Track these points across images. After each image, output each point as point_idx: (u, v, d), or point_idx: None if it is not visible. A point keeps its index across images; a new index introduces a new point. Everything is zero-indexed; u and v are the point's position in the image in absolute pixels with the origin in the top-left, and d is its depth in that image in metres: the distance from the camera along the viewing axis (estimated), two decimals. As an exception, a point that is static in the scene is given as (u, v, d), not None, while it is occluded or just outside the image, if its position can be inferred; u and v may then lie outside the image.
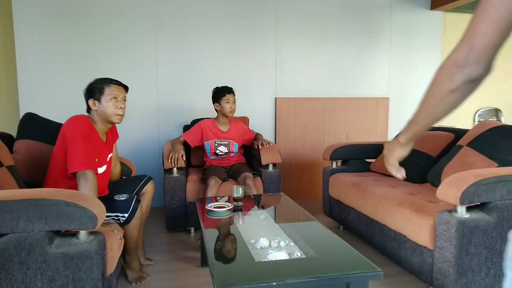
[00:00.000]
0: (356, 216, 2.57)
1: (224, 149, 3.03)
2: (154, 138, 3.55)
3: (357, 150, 3.05)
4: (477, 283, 1.74)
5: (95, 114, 1.99)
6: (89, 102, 1.96)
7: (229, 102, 2.92)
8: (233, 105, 2.94)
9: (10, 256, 1.34)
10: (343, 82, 3.93)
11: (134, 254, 2.09)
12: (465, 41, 0.80)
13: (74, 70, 3.29)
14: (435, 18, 4.09)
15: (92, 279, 1.43)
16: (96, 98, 1.96)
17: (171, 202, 2.74)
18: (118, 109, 1.99)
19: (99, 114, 1.98)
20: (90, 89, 1.97)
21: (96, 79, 2.01)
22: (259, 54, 3.69)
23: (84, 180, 1.77)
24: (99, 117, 1.99)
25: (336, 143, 3.15)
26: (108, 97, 1.96)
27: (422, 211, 1.93)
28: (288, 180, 3.78)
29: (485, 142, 2.15)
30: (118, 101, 1.99)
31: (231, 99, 2.92)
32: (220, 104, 2.93)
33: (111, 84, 1.98)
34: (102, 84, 1.97)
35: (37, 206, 1.34)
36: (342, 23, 3.86)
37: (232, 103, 2.93)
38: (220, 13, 3.56)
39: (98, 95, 1.96)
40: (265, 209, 2.18)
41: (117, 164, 2.33)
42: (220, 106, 2.94)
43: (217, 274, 1.32)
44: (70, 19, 3.27)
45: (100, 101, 1.96)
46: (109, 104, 1.96)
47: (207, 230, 1.82)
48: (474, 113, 4.56)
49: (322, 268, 1.40)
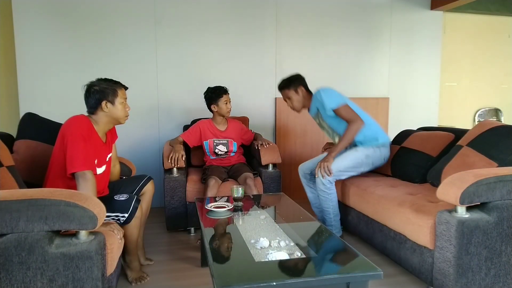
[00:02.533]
0: (356, 216, 2.57)
1: (223, 148, 3.03)
2: (154, 138, 3.55)
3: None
4: (477, 283, 1.74)
5: (103, 116, 1.98)
6: (102, 104, 1.95)
7: (226, 102, 2.93)
8: (229, 105, 2.96)
9: (10, 256, 1.34)
10: (343, 82, 3.93)
11: (134, 254, 2.08)
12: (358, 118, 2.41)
13: (74, 70, 3.29)
14: (435, 18, 4.09)
15: (92, 279, 1.43)
16: (109, 100, 1.96)
17: (171, 202, 2.74)
18: (127, 112, 2.05)
19: (109, 116, 1.99)
20: (101, 91, 1.95)
21: (99, 81, 2.00)
22: (259, 54, 3.69)
23: (83, 181, 1.78)
24: (107, 118, 2.00)
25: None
26: (120, 100, 1.99)
27: (422, 211, 1.93)
28: (288, 180, 3.77)
29: (485, 142, 2.15)
30: (126, 103, 2.05)
31: (227, 99, 2.94)
32: (218, 105, 2.93)
33: (122, 87, 2.03)
34: (113, 86, 1.99)
35: (37, 206, 1.34)
36: (342, 23, 3.86)
37: (229, 103, 2.95)
38: (220, 13, 3.56)
39: (112, 97, 1.97)
40: (265, 209, 2.18)
41: (117, 164, 2.33)
42: (217, 107, 2.94)
43: (217, 274, 1.32)
44: (70, 19, 3.27)
45: (114, 104, 1.98)
46: (121, 107, 2.00)
47: (207, 230, 1.82)
48: (474, 113, 4.56)
49: (322, 268, 1.40)
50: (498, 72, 4.54)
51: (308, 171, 2.78)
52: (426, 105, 4.19)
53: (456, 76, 4.44)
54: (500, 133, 2.13)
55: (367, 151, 2.53)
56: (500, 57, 4.52)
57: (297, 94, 2.62)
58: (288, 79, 2.64)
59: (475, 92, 4.53)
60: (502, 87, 4.62)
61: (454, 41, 4.35)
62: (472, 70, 4.48)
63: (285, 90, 2.64)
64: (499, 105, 4.62)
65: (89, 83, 1.99)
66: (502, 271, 1.76)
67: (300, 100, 2.63)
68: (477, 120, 4.53)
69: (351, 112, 2.44)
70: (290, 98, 2.64)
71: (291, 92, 2.62)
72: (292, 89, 2.61)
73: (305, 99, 2.64)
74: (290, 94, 2.62)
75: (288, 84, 2.62)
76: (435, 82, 4.17)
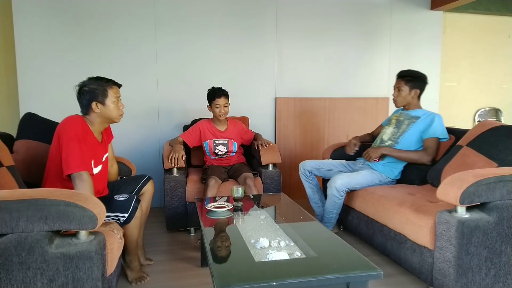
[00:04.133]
0: (356, 216, 2.57)
1: (223, 149, 3.03)
2: (154, 138, 3.55)
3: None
4: (477, 283, 1.74)
5: (96, 116, 1.96)
6: (92, 105, 1.92)
7: (218, 106, 2.88)
8: (223, 109, 2.90)
9: (10, 256, 1.34)
10: (343, 82, 3.93)
11: (134, 254, 2.08)
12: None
13: (74, 70, 3.29)
14: (435, 18, 4.09)
15: (92, 279, 1.43)
16: (99, 101, 1.92)
17: (171, 202, 2.74)
18: (120, 110, 2.01)
19: (102, 116, 1.96)
20: (91, 92, 1.91)
21: (89, 80, 1.95)
22: (259, 54, 3.69)
23: (80, 182, 1.77)
24: (101, 118, 1.97)
25: (336, 143, 3.16)
26: (112, 99, 1.95)
27: (422, 211, 1.93)
28: (288, 180, 3.77)
29: (485, 142, 2.15)
30: (119, 101, 2.00)
31: (221, 103, 2.87)
32: (211, 108, 2.93)
33: (112, 86, 1.97)
34: (103, 86, 1.93)
35: (37, 206, 1.34)
36: (342, 23, 3.86)
37: (222, 107, 2.89)
38: (220, 13, 3.56)
39: (102, 98, 1.92)
40: (265, 209, 2.17)
41: (114, 164, 2.32)
42: (211, 109, 2.94)
43: (217, 274, 1.32)
44: (70, 19, 3.26)
45: (105, 104, 1.94)
46: (113, 107, 1.96)
47: (207, 230, 1.82)
48: (474, 113, 4.56)
49: (322, 268, 1.40)
50: (498, 72, 4.54)
51: (309, 169, 2.79)
52: (426, 105, 4.17)
53: (456, 76, 4.44)
54: (500, 133, 2.13)
55: (381, 177, 2.58)
56: (500, 57, 4.52)
57: (409, 92, 2.60)
58: (414, 75, 2.60)
59: (475, 92, 4.53)
60: (502, 87, 4.62)
61: (454, 41, 4.35)
62: (472, 70, 4.48)
63: (402, 81, 2.61)
64: (499, 105, 4.62)
65: (80, 83, 1.95)
66: (502, 271, 1.76)
67: (407, 99, 2.62)
68: (477, 120, 4.53)
69: (436, 147, 2.47)
70: (400, 90, 2.62)
71: (406, 88, 2.60)
72: (409, 86, 2.59)
73: (411, 100, 2.62)
74: (404, 88, 2.60)
75: (410, 79, 2.59)
76: (435, 82, 4.16)
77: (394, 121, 2.73)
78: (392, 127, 2.69)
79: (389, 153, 2.54)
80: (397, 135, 2.62)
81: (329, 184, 2.50)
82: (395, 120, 2.72)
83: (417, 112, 2.61)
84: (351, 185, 2.49)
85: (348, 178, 2.48)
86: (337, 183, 2.45)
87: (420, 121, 2.55)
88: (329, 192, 2.50)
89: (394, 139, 2.61)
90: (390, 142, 2.62)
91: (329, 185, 2.50)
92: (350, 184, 2.47)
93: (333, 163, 2.83)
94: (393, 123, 2.72)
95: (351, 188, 2.52)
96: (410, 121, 2.59)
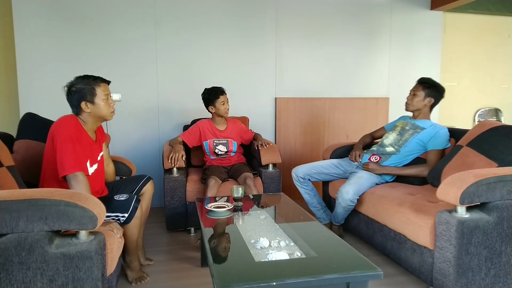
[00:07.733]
0: (356, 216, 2.57)
1: (223, 148, 3.03)
2: (154, 138, 3.55)
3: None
4: (477, 283, 1.74)
5: (87, 115, 1.93)
6: (82, 105, 1.89)
7: (224, 103, 2.92)
8: (227, 105, 2.95)
9: (10, 256, 1.34)
10: (343, 82, 3.93)
11: (134, 254, 2.08)
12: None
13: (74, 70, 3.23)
14: (435, 18, 4.09)
15: (92, 279, 1.43)
16: (88, 100, 1.89)
17: (171, 202, 2.74)
18: (111, 107, 1.98)
19: (93, 115, 1.94)
20: (79, 92, 1.88)
21: (77, 80, 1.92)
22: (259, 54, 3.69)
23: (75, 183, 1.76)
24: (92, 117, 1.95)
25: (336, 143, 3.16)
26: (101, 98, 1.91)
27: (422, 211, 1.93)
28: (288, 180, 3.76)
29: (485, 142, 2.15)
30: (109, 99, 1.97)
31: (225, 100, 2.93)
32: (215, 106, 2.93)
33: (100, 84, 1.93)
34: (91, 84, 1.90)
35: (37, 206, 1.34)
36: (342, 23, 3.86)
37: (226, 103, 2.94)
38: (220, 13, 3.56)
39: (90, 97, 1.89)
40: (265, 209, 2.17)
41: (110, 164, 2.31)
42: (215, 108, 2.94)
43: (217, 274, 1.32)
44: (70, 19, 3.26)
45: (94, 103, 1.91)
46: (103, 104, 1.93)
47: (207, 230, 1.82)
48: (474, 113, 4.56)
49: (322, 268, 1.40)
50: (498, 72, 4.54)
51: (302, 175, 2.79)
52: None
53: (456, 76, 4.44)
54: (500, 133, 2.13)
55: (380, 177, 2.61)
56: (500, 57, 4.52)
57: (423, 99, 2.59)
58: (433, 84, 2.60)
59: (475, 92, 4.53)
60: (502, 87, 4.62)
61: (454, 41, 4.35)
62: (472, 70, 4.48)
63: (420, 86, 2.61)
64: (499, 105, 4.62)
65: (68, 84, 1.92)
66: (502, 271, 1.76)
67: (419, 105, 2.60)
68: (477, 120, 4.53)
69: (437, 160, 2.47)
70: (416, 96, 2.60)
71: (422, 94, 2.59)
72: (425, 92, 2.58)
73: (422, 108, 2.61)
74: (420, 94, 2.59)
75: (428, 87, 2.59)
76: (435, 82, 4.17)
77: (399, 128, 2.72)
78: (395, 134, 2.69)
79: (390, 172, 2.57)
80: (399, 143, 2.61)
81: (340, 197, 2.48)
82: (400, 127, 2.72)
83: (424, 123, 2.59)
84: (361, 191, 2.49)
85: (356, 185, 2.47)
86: (350, 194, 2.43)
87: (425, 132, 2.54)
88: (343, 203, 2.47)
89: (396, 147, 2.61)
90: (391, 148, 2.62)
91: (341, 198, 2.47)
92: (360, 191, 2.48)
93: (324, 165, 2.83)
94: (397, 130, 2.71)
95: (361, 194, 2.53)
96: (415, 131, 2.58)
